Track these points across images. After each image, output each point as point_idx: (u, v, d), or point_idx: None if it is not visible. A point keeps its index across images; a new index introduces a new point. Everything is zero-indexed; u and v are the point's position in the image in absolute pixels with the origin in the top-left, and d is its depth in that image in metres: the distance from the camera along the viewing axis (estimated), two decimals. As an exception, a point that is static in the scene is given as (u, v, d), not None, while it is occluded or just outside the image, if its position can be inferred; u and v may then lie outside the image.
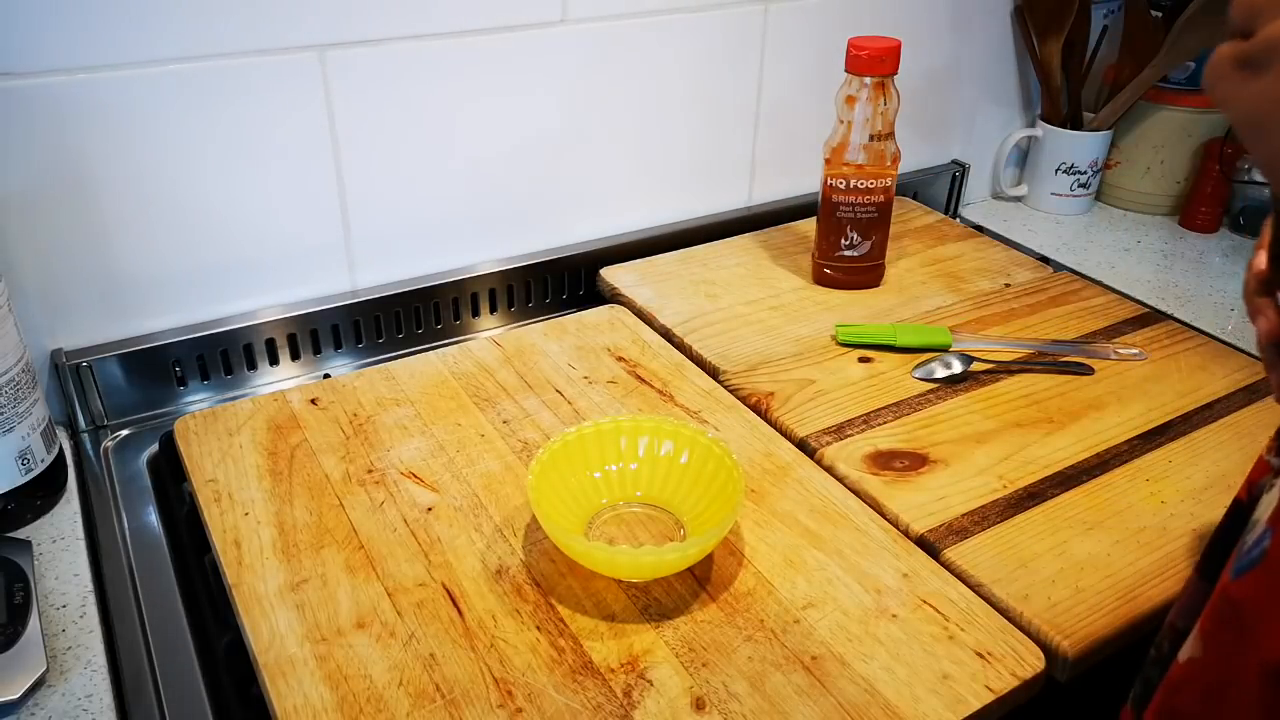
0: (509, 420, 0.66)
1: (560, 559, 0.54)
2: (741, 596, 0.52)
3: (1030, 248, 1.00)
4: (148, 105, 0.65)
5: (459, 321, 0.83)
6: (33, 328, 0.67)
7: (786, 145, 0.96)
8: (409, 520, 0.57)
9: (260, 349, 0.75)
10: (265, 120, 0.69)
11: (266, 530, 0.56)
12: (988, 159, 1.11)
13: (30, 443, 0.59)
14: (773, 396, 0.69)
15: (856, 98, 0.78)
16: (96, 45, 0.61)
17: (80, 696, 0.49)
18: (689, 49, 0.85)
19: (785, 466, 0.62)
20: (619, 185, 0.88)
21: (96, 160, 0.65)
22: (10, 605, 0.51)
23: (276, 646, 0.49)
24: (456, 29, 0.73)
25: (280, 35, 0.67)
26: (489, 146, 0.79)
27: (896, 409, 0.68)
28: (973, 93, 1.05)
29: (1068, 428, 0.66)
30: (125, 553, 0.59)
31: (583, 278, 0.88)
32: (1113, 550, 0.56)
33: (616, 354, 0.74)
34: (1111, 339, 0.77)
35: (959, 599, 0.52)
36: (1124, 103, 1.02)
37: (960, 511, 0.58)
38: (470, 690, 0.47)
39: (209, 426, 0.65)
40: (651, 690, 0.47)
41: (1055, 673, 0.50)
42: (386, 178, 0.76)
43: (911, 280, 0.86)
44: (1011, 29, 1.04)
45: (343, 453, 0.63)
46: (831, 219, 0.82)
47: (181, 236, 0.70)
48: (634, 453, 0.59)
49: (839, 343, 0.76)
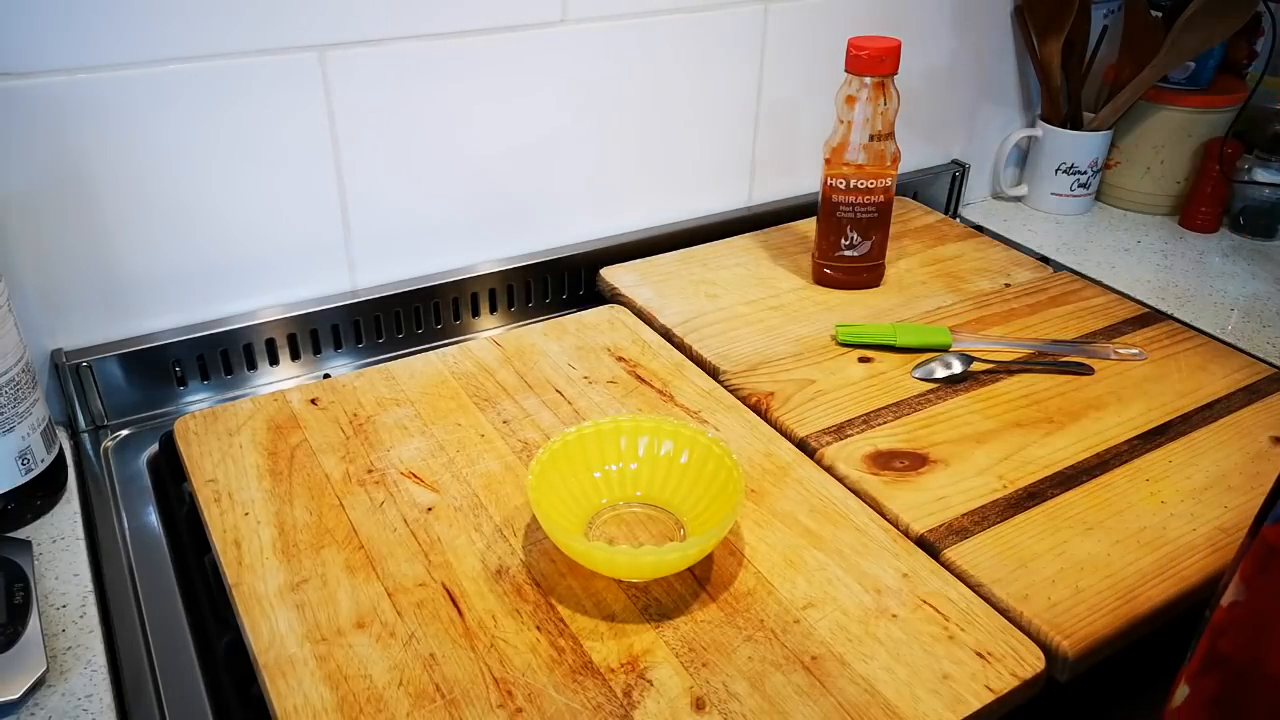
0: (509, 420, 0.66)
1: (560, 559, 0.54)
2: (741, 596, 0.52)
3: (1030, 248, 1.00)
4: (148, 105, 0.65)
5: (459, 321, 0.83)
6: (33, 328, 0.67)
7: (786, 145, 0.96)
8: (409, 520, 0.57)
9: (260, 349, 0.75)
10: (265, 120, 0.69)
11: (266, 530, 0.56)
12: (988, 159, 1.11)
13: (30, 443, 0.59)
14: (773, 396, 0.69)
15: (856, 98, 0.78)
16: (97, 45, 0.62)
17: (80, 696, 0.49)
18: (689, 49, 0.85)
19: (785, 466, 0.62)
20: (619, 185, 0.88)
21: (97, 160, 0.65)
22: (10, 605, 0.51)
23: (276, 646, 0.49)
24: (457, 29, 0.73)
25: (280, 35, 0.67)
26: (489, 146, 0.79)
27: (896, 409, 0.68)
28: (973, 93, 1.05)
29: (1068, 428, 0.66)
30: (125, 553, 0.59)
31: (583, 278, 0.88)
32: (1113, 550, 0.56)
33: (616, 354, 0.74)
34: (1111, 339, 0.77)
35: (959, 599, 0.52)
36: (1124, 103, 1.02)
37: (960, 511, 0.58)
38: (470, 690, 0.47)
39: (209, 426, 0.65)
40: (651, 690, 0.47)
41: (1055, 673, 0.50)
42: (387, 177, 0.76)
43: (911, 280, 0.86)
44: (1011, 29, 1.04)
45: (343, 453, 0.63)
46: (831, 219, 0.82)
47: (182, 236, 0.70)
48: (634, 453, 0.59)
49: (839, 343, 0.76)
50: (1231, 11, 0.94)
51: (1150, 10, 1.01)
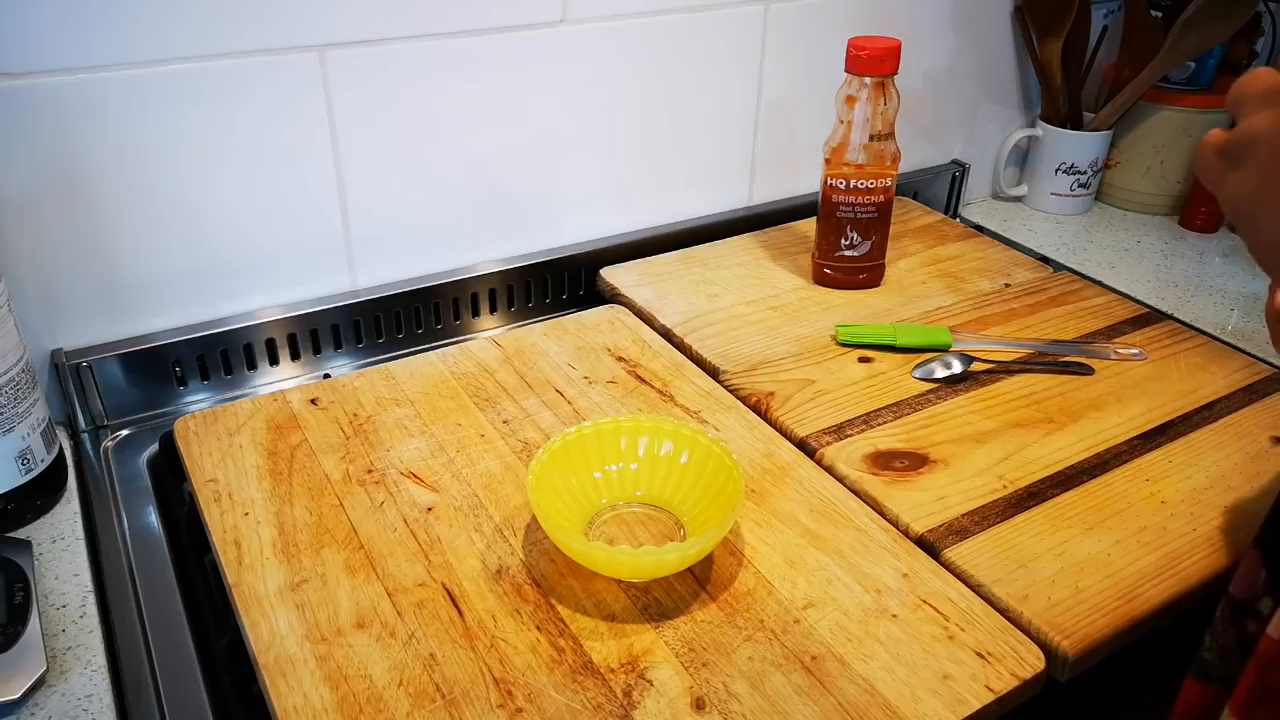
0: (509, 420, 0.66)
1: (560, 559, 0.54)
2: (741, 596, 0.52)
3: (1030, 248, 1.00)
4: (148, 105, 0.65)
5: (459, 321, 0.83)
6: (33, 328, 0.67)
7: (786, 145, 0.96)
8: (409, 520, 0.57)
9: (260, 349, 0.75)
10: (265, 120, 0.69)
11: (266, 530, 0.56)
12: (988, 159, 1.11)
13: (30, 443, 0.59)
14: (773, 396, 0.69)
15: (856, 98, 0.78)
16: (96, 45, 0.61)
17: (80, 696, 0.49)
18: (689, 49, 0.85)
19: (785, 466, 0.62)
20: (619, 185, 0.88)
21: (97, 160, 0.65)
22: (10, 605, 0.51)
23: (276, 646, 0.49)
24: (457, 29, 0.73)
25: (280, 35, 0.67)
26: (489, 146, 0.79)
27: (896, 409, 0.68)
28: (973, 93, 1.05)
29: (1068, 428, 0.66)
30: (125, 553, 0.59)
31: (583, 278, 0.88)
32: (1113, 550, 0.56)
33: (616, 354, 0.74)
34: (1111, 339, 0.77)
35: (959, 599, 0.52)
36: (1124, 103, 1.02)
37: (960, 511, 0.58)
38: (470, 690, 0.47)
39: (209, 426, 0.65)
40: (651, 690, 0.47)
41: (1055, 673, 0.50)
42: (387, 177, 0.76)
43: (911, 280, 0.86)
44: (1011, 29, 1.04)
45: (343, 453, 0.63)
46: (831, 219, 0.82)
47: (182, 236, 0.70)
48: (634, 453, 0.59)
49: (839, 343, 0.76)
50: (1231, 11, 0.94)
51: (1150, 10, 1.01)
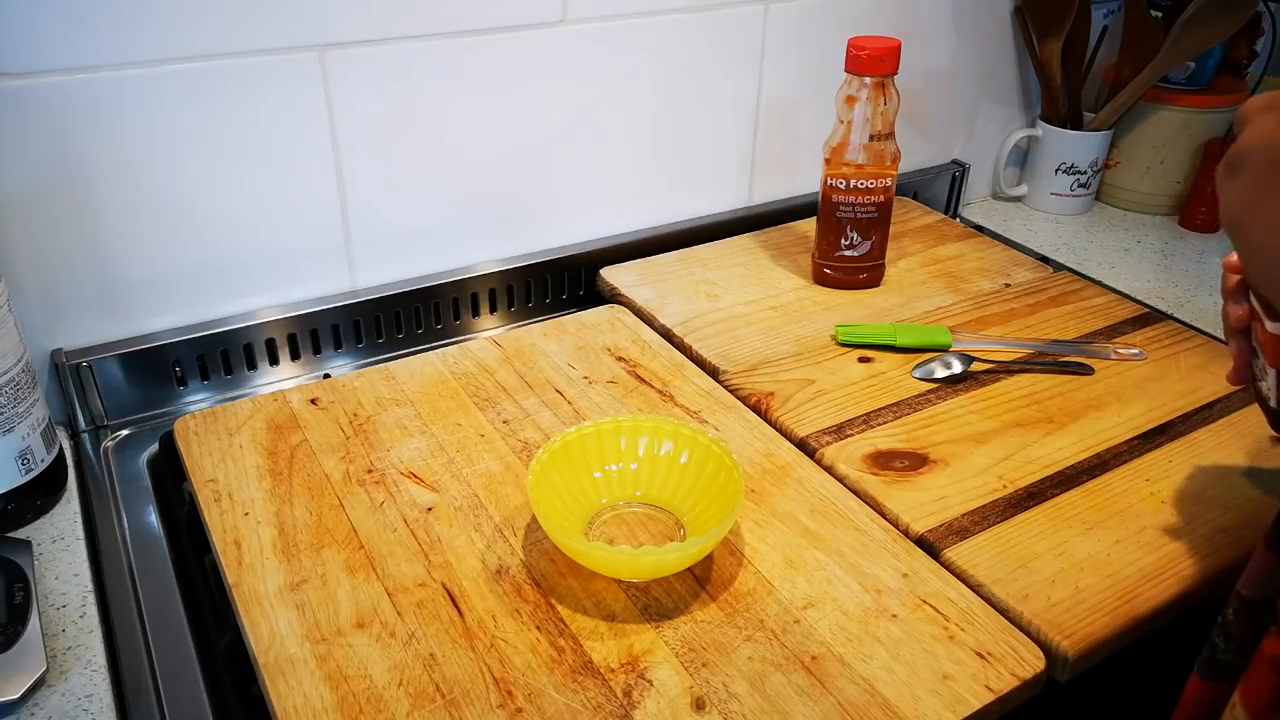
0: (509, 420, 0.66)
1: (560, 559, 0.54)
2: (741, 596, 0.52)
3: (1030, 248, 1.00)
4: (147, 105, 0.65)
5: (459, 321, 0.83)
6: (33, 328, 0.67)
7: (786, 145, 0.96)
8: (409, 520, 0.57)
9: (260, 349, 0.75)
10: (265, 120, 0.69)
11: (266, 530, 0.56)
12: (988, 159, 1.11)
13: (30, 443, 0.59)
14: (773, 396, 0.69)
15: (856, 98, 0.78)
16: (96, 45, 0.61)
17: (80, 696, 0.49)
18: (689, 49, 0.85)
19: (785, 466, 0.62)
20: (619, 185, 0.88)
21: (96, 160, 0.65)
22: (10, 605, 0.51)
23: (276, 646, 0.49)
24: (456, 29, 0.73)
25: (280, 35, 0.67)
26: (489, 146, 0.79)
27: (896, 409, 0.68)
28: (973, 93, 1.05)
29: (1068, 428, 0.66)
30: (125, 553, 0.59)
31: (583, 278, 0.88)
32: (1113, 550, 0.56)
33: (616, 354, 0.74)
34: (1111, 339, 0.77)
35: (959, 599, 0.52)
36: (1124, 103, 1.02)
37: (960, 511, 0.58)
38: (470, 690, 0.47)
39: (209, 426, 0.65)
40: (651, 690, 0.47)
41: (1055, 673, 0.50)
42: (386, 177, 0.76)
43: (911, 280, 0.86)
44: (1011, 29, 1.04)
45: (343, 453, 0.63)
46: (831, 219, 0.82)
47: (182, 236, 0.70)
48: (634, 453, 0.59)
49: (839, 343, 0.76)
50: (1231, 11, 0.94)
51: (1150, 10, 1.01)
